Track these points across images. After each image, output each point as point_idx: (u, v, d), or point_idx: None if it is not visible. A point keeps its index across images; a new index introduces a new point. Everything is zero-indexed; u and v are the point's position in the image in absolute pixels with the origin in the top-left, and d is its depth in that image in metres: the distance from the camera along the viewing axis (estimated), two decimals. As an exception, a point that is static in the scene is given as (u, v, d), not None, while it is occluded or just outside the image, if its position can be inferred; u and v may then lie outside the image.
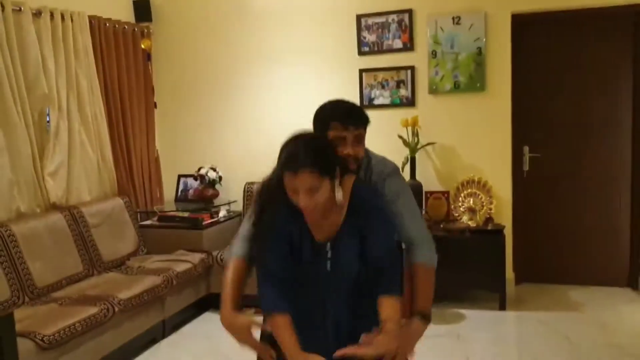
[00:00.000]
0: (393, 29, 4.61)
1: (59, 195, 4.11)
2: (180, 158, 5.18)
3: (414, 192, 4.43)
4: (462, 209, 4.50)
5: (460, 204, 4.50)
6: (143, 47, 4.97)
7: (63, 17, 4.16)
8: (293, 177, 1.70)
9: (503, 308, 4.22)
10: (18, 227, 3.63)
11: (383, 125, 4.37)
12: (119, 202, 4.51)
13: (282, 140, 1.76)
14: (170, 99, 5.21)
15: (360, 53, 4.63)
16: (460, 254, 4.24)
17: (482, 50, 4.43)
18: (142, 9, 5.04)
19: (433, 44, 4.53)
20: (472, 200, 4.46)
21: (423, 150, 4.58)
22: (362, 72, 4.64)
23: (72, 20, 4.22)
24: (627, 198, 4.53)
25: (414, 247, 1.97)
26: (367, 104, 4.69)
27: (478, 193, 4.47)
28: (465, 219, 4.43)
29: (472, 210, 4.43)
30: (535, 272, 4.75)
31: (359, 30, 4.67)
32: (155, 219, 4.73)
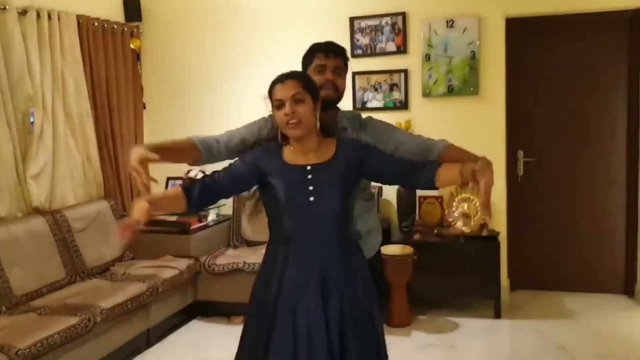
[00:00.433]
0: (386, 32, 4.55)
1: (42, 199, 3.99)
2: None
3: (407, 196, 4.41)
4: (456, 215, 4.38)
5: (454, 209, 4.41)
6: (132, 47, 4.88)
7: (50, 16, 4.06)
8: (280, 87, 1.98)
9: (498, 316, 4.15)
10: (-2, 232, 3.50)
11: (376, 129, 4.29)
12: (105, 205, 4.39)
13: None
14: (160, 100, 5.11)
15: (354, 56, 4.55)
16: (455, 261, 4.17)
17: (475, 54, 4.37)
18: (131, 9, 4.93)
19: (427, 48, 4.47)
20: (466, 206, 4.35)
21: (416, 155, 4.50)
22: (355, 74, 4.57)
23: (59, 20, 4.12)
24: (622, 203, 4.48)
25: (431, 147, 2.19)
26: (360, 107, 4.62)
27: (472, 198, 4.36)
28: (460, 225, 4.33)
29: (466, 216, 4.32)
30: (530, 278, 4.68)
31: (352, 33, 4.60)
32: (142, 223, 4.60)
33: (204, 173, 4.74)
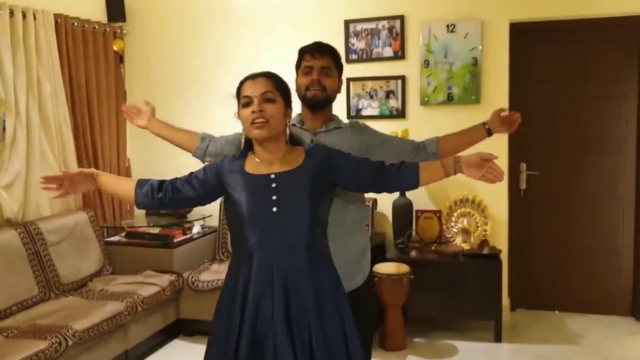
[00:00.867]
0: (383, 36, 4.33)
1: (15, 210, 3.76)
2: (153, 168, 4.82)
3: (403, 210, 4.17)
4: (455, 230, 4.19)
5: (453, 225, 4.20)
6: (115, 48, 4.66)
7: (24, 14, 3.82)
8: (250, 84, 1.90)
9: (499, 339, 3.91)
10: (-37, 246, 3.27)
11: (371, 139, 4.07)
12: (83, 216, 4.15)
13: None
14: (144, 104, 4.87)
15: (348, 61, 4.33)
16: (453, 280, 3.94)
17: (477, 61, 4.16)
18: (114, 8, 4.71)
19: (426, 53, 4.24)
20: (465, 221, 4.16)
21: (414, 166, 4.28)
22: (349, 81, 4.34)
23: (34, 18, 3.88)
24: (630, 219, 4.27)
25: (422, 145, 2.30)
26: (354, 115, 4.40)
27: (472, 213, 4.17)
28: (459, 241, 4.12)
29: (466, 232, 4.13)
30: (532, 297, 4.47)
31: (347, 37, 4.37)
32: (123, 235, 4.37)
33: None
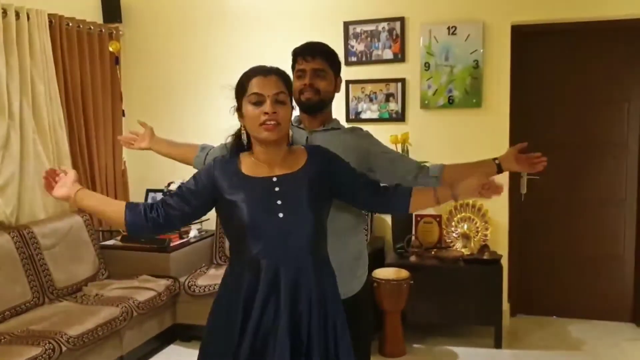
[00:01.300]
0: (383, 38, 4.27)
1: (8, 213, 3.71)
2: (149, 171, 4.77)
3: (403, 215, 4.11)
4: (455, 235, 4.14)
5: (453, 230, 4.15)
6: (111, 49, 4.59)
7: (18, 14, 3.76)
8: (262, 81, 1.76)
9: (499, 345, 3.87)
10: (-44, 250, 3.21)
11: (370, 142, 4.02)
12: (78, 220, 4.08)
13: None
14: (140, 107, 4.80)
15: (347, 63, 4.27)
16: (453, 285, 3.88)
17: (479, 63, 4.10)
18: (111, 9, 4.64)
19: (426, 55, 4.19)
20: (466, 226, 4.11)
21: (413, 170, 4.23)
22: (348, 83, 4.28)
23: (28, 19, 3.82)
24: (632, 224, 4.22)
25: (424, 169, 2.16)
26: (353, 118, 4.35)
27: (473, 218, 4.12)
28: (459, 246, 4.08)
29: (466, 237, 4.08)
30: (532, 303, 4.42)
31: (346, 39, 4.32)
32: (119, 239, 4.31)
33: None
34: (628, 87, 4.13)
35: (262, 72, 1.79)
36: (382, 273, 3.75)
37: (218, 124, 5.46)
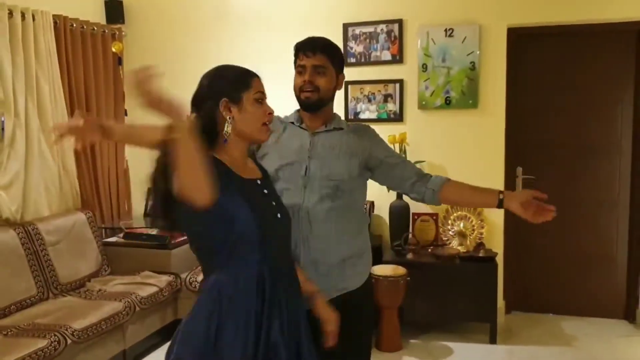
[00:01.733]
0: (381, 40, 4.35)
1: (13, 210, 3.76)
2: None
3: (401, 213, 4.19)
4: (451, 233, 4.22)
5: (450, 228, 4.23)
6: (114, 50, 4.64)
7: (24, 15, 3.82)
8: (258, 82, 1.75)
9: (494, 341, 3.94)
10: (-38, 246, 3.28)
11: (369, 142, 4.09)
12: (81, 217, 4.15)
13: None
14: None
15: (346, 64, 4.29)
16: (450, 282, 3.96)
17: (475, 65, 4.18)
18: (113, 9, 4.72)
19: (424, 57, 4.26)
20: (462, 224, 4.19)
21: (411, 169, 4.31)
22: (347, 84, 4.35)
23: (33, 19, 3.88)
24: (625, 224, 4.30)
25: (430, 176, 2.16)
26: (352, 118, 4.43)
27: (469, 216, 4.20)
28: (455, 244, 4.15)
29: (462, 235, 4.16)
30: (527, 300, 4.49)
31: (345, 40, 4.39)
32: (121, 236, 4.38)
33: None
34: (621, 89, 4.21)
35: (254, 74, 1.77)
36: (379, 270, 3.82)
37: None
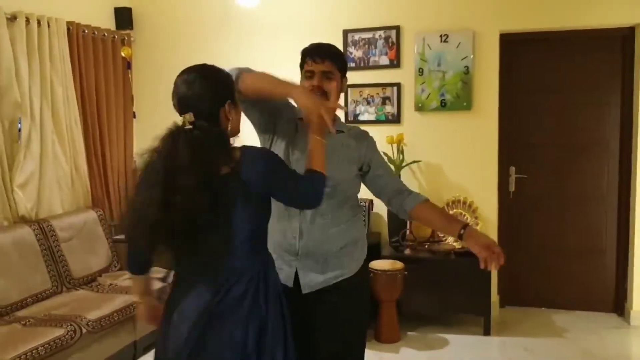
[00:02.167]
0: (380, 45, 4.54)
1: (29, 208, 3.93)
2: (159, 170, 5.01)
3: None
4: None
5: (445, 225, 4.40)
6: (123, 55, 4.83)
7: (39, 22, 4.01)
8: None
9: (487, 333, 4.12)
10: (-17, 241, 3.45)
11: (368, 143, 4.27)
12: (93, 215, 4.33)
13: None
14: (150, 109, 5.05)
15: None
16: (445, 277, 4.13)
17: (469, 69, 4.36)
18: (123, 16, 4.90)
19: (420, 62, 4.45)
20: (457, 221, 4.36)
21: (408, 168, 4.49)
22: (347, 87, 4.50)
23: (48, 26, 4.07)
24: (613, 220, 4.48)
25: (408, 193, 2.27)
26: (352, 120, 4.60)
27: (464, 213, 4.38)
28: (451, 240, 4.33)
29: (457, 232, 4.33)
30: (520, 295, 4.67)
31: (345, 46, 4.58)
32: (130, 234, 4.55)
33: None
34: (608, 91, 4.39)
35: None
36: (378, 264, 4.00)
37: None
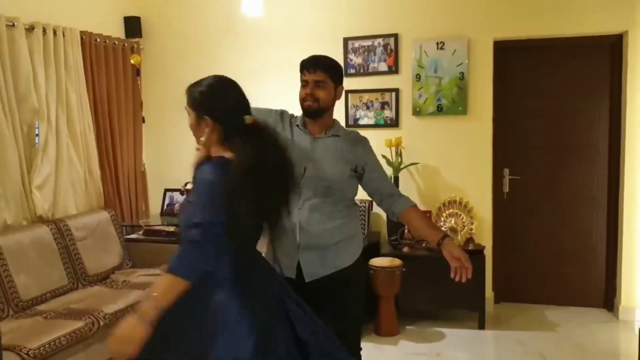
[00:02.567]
0: (379, 52, 4.72)
1: (46, 208, 4.13)
2: (167, 172, 5.22)
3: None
4: (443, 229, 4.59)
5: (442, 224, 4.60)
6: (132, 62, 5.01)
7: (55, 32, 4.20)
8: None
9: (482, 327, 4.30)
10: (4, 239, 3.64)
11: (368, 146, 4.45)
12: (105, 215, 4.52)
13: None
14: (158, 114, 5.25)
15: (347, 75, 4.68)
16: (442, 274, 4.24)
17: (464, 75, 4.54)
18: (132, 25, 5.09)
19: (417, 68, 4.63)
20: (453, 221, 4.56)
21: (406, 170, 4.67)
22: (347, 93, 4.71)
23: (63, 36, 4.26)
24: (603, 219, 4.64)
25: (399, 197, 2.52)
26: (352, 124, 4.79)
27: (459, 213, 4.57)
28: (447, 239, 4.51)
29: (453, 230, 4.53)
30: (514, 291, 4.84)
31: (346, 53, 4.76)
32: (141, 233, 4.75)
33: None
34: (598, 96, 4.57)
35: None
36: (377, 262, 4.19)
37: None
